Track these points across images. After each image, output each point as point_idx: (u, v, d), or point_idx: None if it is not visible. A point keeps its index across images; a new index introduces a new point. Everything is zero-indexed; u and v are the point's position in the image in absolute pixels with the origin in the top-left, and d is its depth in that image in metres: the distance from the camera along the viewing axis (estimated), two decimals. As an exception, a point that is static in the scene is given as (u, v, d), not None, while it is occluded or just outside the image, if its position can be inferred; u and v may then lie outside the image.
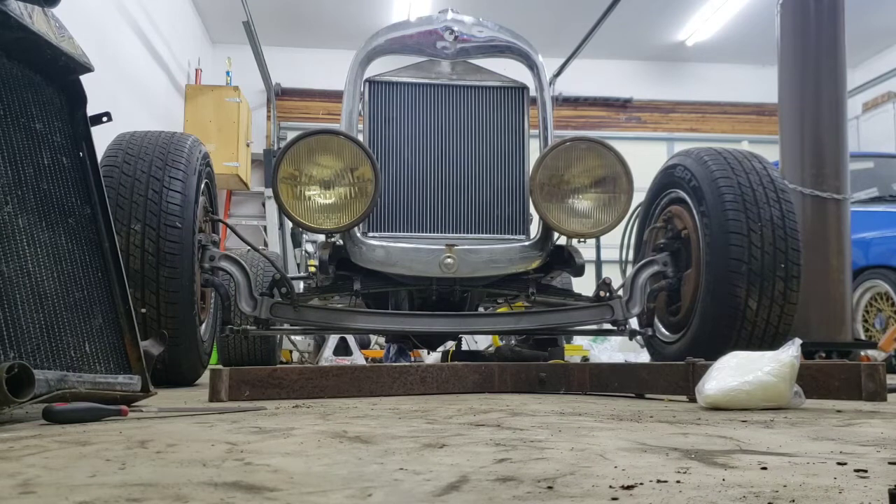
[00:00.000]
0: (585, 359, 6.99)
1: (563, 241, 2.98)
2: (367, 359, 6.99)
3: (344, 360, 6.47)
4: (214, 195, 3.23)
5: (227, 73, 9.38)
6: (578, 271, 2.92)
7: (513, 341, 4.63)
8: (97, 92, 2.06)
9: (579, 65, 9.68)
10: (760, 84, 10.12)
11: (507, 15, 8.60)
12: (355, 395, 2.25)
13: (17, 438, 1.13)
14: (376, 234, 2.89)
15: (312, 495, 0.70)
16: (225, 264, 2.90)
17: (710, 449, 1.03)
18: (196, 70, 9.24)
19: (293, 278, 3.07)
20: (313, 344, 6.79)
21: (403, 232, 2.91)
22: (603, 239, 5.11)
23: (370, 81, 2.99)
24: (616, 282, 3.03)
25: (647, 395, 2.25)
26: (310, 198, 2.71)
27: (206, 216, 3.07)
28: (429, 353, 6.06)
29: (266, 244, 9.53)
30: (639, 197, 3.04)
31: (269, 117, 10.29)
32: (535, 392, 2.48)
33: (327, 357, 6.51)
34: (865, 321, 5.18)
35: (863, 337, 5.08)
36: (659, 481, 0.77)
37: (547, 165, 2.78)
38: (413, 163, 2.95)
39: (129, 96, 6.92)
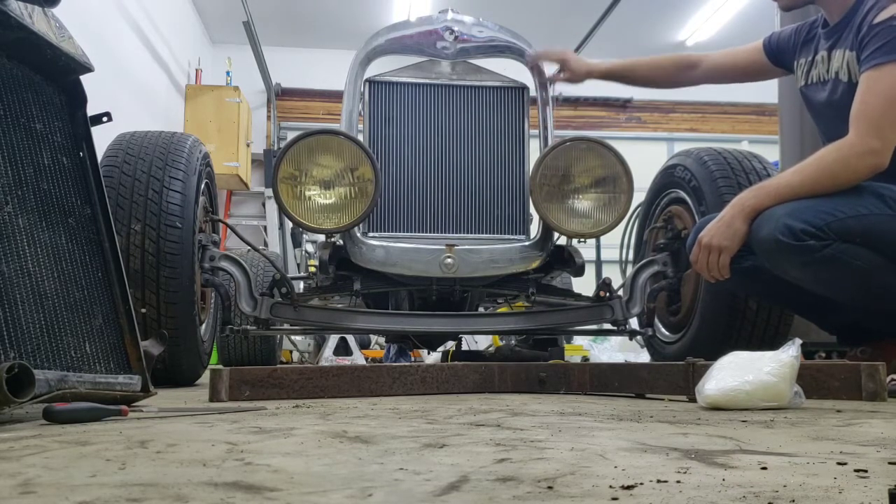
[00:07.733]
0: (585, 359, 6.98)
1: (563, 241, 2.98)
2: (367, 359, 6.98)
3: (344, 360, 6.47)
4: (214, 195, 3.23)
5: (228, 73, 9.37)
6: (578, 271, 2.92)
7: (513, 341, 4.63)
8: (97, 92, 2.06)
9: (579, 65, 9.66)
10: (760, 84, 10.09)
11: (507, 15, 8.59)
12: (355, 395, 2.25)
13: (17, 438, 1.13)
14: (376, 235, 2.89)
15: (312, 495, 0.70)
16: (225, 264, 2.90)
17: (710, 449, 1.03)
18: (196, 70, 9.24)
19: (293, 278, 3.07)
20: (313, 344, 6.80)
21: (403, 232, 2.91)
22: (603, 239, 5.09)
23: (370, 81, 2.99)
24: (616, 282, 3.03)
25: (647, 395, 2.25)
26: (310, 198, 2.71)
27: (207, 216, 3.07)
28: (429, 353, 6.06)
29: (266, 244, 9.53)
30: (639, 197, 3.04)
31: (269, 117, 10.28)
32: (535, 392, 2.48)
33: (327, 357, 6.51)
34: (865, 321, 5.17)
35: (863, 337, 5.06)
36: (659, 481, 0.77)
37: (547, 165, 2.78)
38: (413, 163, 2.94)
39: (129, 96, 6.92)
